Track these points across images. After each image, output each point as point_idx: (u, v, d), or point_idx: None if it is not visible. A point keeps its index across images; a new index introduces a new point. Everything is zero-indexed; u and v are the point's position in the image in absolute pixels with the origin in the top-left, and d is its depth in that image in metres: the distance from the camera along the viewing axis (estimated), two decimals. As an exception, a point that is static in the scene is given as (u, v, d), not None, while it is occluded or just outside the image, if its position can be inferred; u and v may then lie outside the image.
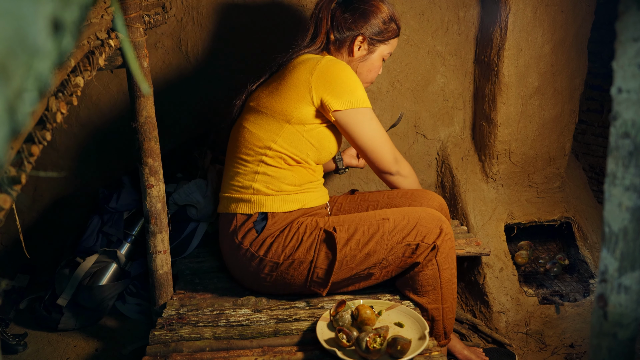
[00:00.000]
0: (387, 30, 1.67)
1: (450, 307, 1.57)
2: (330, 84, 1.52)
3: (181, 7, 2.11)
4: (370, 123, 1.58)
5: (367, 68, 1.69)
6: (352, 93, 1.54)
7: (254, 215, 1.56)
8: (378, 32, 1.65)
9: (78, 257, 1.94)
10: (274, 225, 1.55)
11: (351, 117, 1.55)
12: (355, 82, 1.56)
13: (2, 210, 0.63)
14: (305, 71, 1.54)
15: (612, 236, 0.52)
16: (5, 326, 1.87)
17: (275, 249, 1.53)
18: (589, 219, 2.33)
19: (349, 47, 1.65)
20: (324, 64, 1.54)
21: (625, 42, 0.49)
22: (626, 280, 0.52)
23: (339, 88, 1.52)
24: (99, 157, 2.22)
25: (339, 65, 1.55)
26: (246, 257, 1.57)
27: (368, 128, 1.58)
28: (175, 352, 1.39)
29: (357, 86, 1.56)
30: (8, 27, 0.29)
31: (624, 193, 0.51)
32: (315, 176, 1.64)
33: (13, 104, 0.30)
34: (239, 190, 1.59)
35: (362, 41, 1.65)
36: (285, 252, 1.53)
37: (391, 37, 1.68)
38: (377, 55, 1.69)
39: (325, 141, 1.60)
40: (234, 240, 1.58)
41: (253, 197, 1.56)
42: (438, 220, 1.52)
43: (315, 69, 1.53)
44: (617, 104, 0.50)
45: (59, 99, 0.89)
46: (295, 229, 1.54)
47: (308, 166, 1.60)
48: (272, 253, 1.53)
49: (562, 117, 2.25)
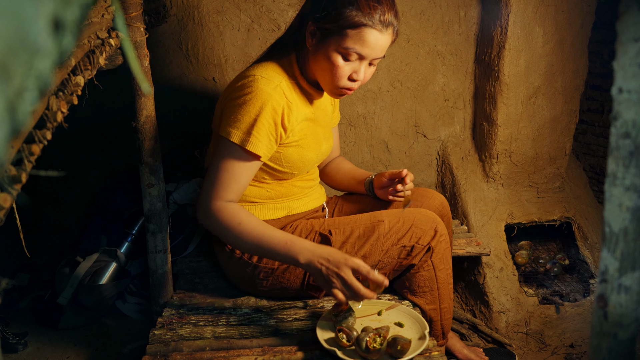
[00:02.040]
0: (340, 16, 1.30)
1: (448, 307, 1.57)
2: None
3: (182, 7, 2.11)
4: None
5: (318, 66, 1.39)
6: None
7: None
8: (326, 17, 1.32)
9: (78, 256, 1.94)
10: None
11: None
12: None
13: (3, 209, 0.63)
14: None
15: (613, 236, 0.52)
16: (5, 325, 1.87)
17: None
18: (589, 219, 2.33)
19: (305, 38, 1.40)
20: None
21: (625, 42, 0.49)
22: (626, 281, 0.52)
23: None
24: (99, 156, 2.22)
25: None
26: (240, 264, 1.55)
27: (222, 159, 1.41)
28: (175, 351, 1.39)
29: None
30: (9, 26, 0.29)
31: (624, 193, 0.51)
32: (292, 190, 1.58)
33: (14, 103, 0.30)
34: None
35: (311, 29, 1.36)
36: None
37: (350, 27, 1.30)
38: (331, 49, 1.34)
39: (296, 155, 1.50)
40: (225, 248, 1.57)
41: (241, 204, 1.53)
42: (433, 222, 1.51)
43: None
44: (617, 104, 0.50)
45: (60, 98, 0.89)
46: (289, 232, 1.54)
47: (286, 180, 1.55)
48: (266, 259, 1.51)
49: (562, 117, 2.25)
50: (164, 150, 1.67)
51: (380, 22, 1.30)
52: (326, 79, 1.39)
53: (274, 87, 1.37)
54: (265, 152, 1.39)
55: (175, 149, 2.15)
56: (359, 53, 1.32)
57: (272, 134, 1.39)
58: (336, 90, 1.41)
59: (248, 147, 1.35)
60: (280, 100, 1.37)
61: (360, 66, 1.36)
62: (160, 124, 1.60)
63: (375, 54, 1.34)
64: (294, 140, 1.47)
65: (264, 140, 1.37)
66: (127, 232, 1.98)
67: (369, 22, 1.29)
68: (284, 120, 1.39)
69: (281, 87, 1.39)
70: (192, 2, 2.11)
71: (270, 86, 1.37)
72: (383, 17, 1.30)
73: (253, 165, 1.41)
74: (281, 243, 1.35)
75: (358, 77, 1.37)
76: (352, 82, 1.38)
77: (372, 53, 1.34)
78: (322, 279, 1.31)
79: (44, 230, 2.23)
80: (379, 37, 1.32)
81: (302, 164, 1.51)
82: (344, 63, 1.34)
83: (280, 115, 1.38)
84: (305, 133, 1.49)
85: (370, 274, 1.28)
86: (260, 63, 1.45)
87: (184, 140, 2.19)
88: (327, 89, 1.43)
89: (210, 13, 2.12)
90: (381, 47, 1.34)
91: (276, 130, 1.39)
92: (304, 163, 1.52)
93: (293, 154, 1.48)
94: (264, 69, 1.41)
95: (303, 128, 1.48)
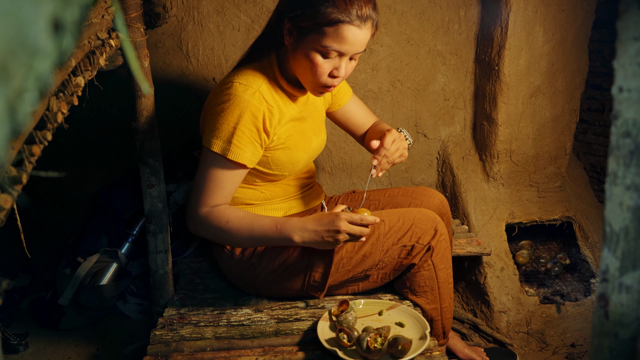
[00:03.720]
0: (316, 14, 1.26)
1: (448, 307, 1.57)
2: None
3: (182, 7, 2.11)
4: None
5: (298, 64, 1.36)
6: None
7: None
8: (302, 15, 1.29)
9: (79, 257, 1.94)
10: None
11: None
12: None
13: (3, 210, 0.63)
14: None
15: (613, 235, 0.52)
16: (6, 326, 1.87)
17: (269, 255, 1.51)
18: (590, 218, 2.33)
19: (283, 35, 1.37)
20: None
21: (626, 41, 0.49)
22: (627, 280, 0.52)
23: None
24: (99, 157, 2.22)
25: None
26: (240, 265, 1.56)
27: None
28: (176, 352, 1.39)
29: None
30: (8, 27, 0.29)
31: (625, 192, 0.51)
32: (288, 190, 1.59)
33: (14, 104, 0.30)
34: None
35: (288, 26, 1.34)
36: (280, 258, 1.51)
37: (327, 25, 1.26)
38: (309, 48, 1.31)
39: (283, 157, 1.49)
40: (224, 250, 1.57)
41: (238, 207, 1.53)
42: (433, 221, 1.51)
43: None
44: (618, 103, 0.50)
45: (60, 99, 0.89)
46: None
47: (279, 181, 1.55)
48: (266, 259, 1.52)
49: (562, 117, 2.25)
50: (165, 150, 1.67)
51: (358, 17, 1.26)
52: (307, 77, 1.37)
53: (252, 93, 1.35)
54: (251, 158, 1.39)
55: (176, 149, 2.15)
56: (338, 50, 1.29)
57: (256, 140, 1.38)
58: (318, 88, 1.39)
59: (230, 157, 1.35)
60: (259, 105, 1.35)
61: (341, 62, 1.33)
62: (161, 124, 1.61)
63: (354, 49, 1.31)
64: (280, 142, 1.45)
65: (247, 147, 1.36)
66: (128, 233, 1.98)
67: (346, 18, 1.25)
68: (265, 125, 1.38)
69: (260, 92, 1.37)
70: (192, 2, 2.11)
71: (249, 92, 1.35)
72: (360, 11, 1.26)
73: (238, 173, 1.40)
74: (272, 228, 1.36)
75: (339, 73, 1.34)
76: (333, 78, 1.36)
77: (351, 49, 1.30)
78: (326, 244, 1.34)
79: (44, 231, 2.24)
80: (357, 33, 1.28)
81: (292, 165, 1.51)
82: (324, 61, 1.32)
83: (262, 120, 1.37)
84: (291, 133, 1.48)
85: (363, 219, 1.32)
86: (240, 68, 1.44)
87: (185, 140, 2.19)
88: (308, 87, 1.41)
89: (210, 13, 2.12)
90: (360, 42, 1.30)
91: (259, 136, 1.38)
92: (294, 164, 1.51)
93: (281, 157, 1.47)
94: (242, 74, 1.39)
95: (288, 129, 1.47)
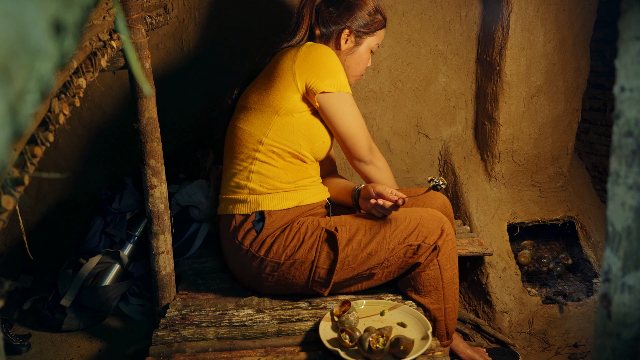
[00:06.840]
0: (373, 22, 1.67)
1: (453, 307, 1.57)
2: (313, 67, 1.54)
3: (183, 8, 2.11)
4: (350, 109, 1.59)
5: (355, 60, 1.69)
6: (334, 76, 1.55)
7: (251, 215, 1.56)
8: (364, 25, 1.66)
9: (81, 258, 1.95)
10: (273, 225, 1.55)
11: (334, 101, 1.55)
12: (337, 65, 1.58)
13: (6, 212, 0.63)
14: (288, 60, 1.56)
15: (616, 235, 0.52)
16: (8, 327, 1.88)
17: (276, 249, 1.53)
18: (592, 218, 2.32)
19: (336, 41, 1.66)
20: (305, 49, 1.57)
21: (627, 41, 0.48)
22: (630, 280, 0.52)
23: (321, 71, 1.54)
24: (101, 158, 2.23)
25: (320, 49, 1.57)
26: (247, 257, 1.57)
27: (348, 114, 1.58)
28: (178, 352, 1.39)
29: (338, 70, 1.57)
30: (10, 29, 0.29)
31: (627, 192, 0.50)
32: (308, 172, 1.63)
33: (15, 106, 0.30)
34: (236, 191, 1.60)
35: (348, 34, 1.65)
36: (286, 252, 1.53)
37: (377, 29, 1.68)
38: (365, 47, 1.69)
39: (315, 129, 1.60)
40: (234, 241, 1.58)
41: (249, 197, 1.57)
42: (439, 221, 1.52)
43: (297, 56, 1.55)
44: (619, 103, 0.50)
45: (62, 101, 0.90)
46: (296, 228, 1.54)
47: (302, 162, 1.60)
48: (273, 253, 1.53)
49: (564, 116, 2.25)
50: (166, 151, 1.68)
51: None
52: (357, 70, 1.71)
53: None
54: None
55: (178, 151, 2.15)
56: (377, 45, 1.72)
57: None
58: (359, 77, 1.76)
59: (347, 90, 1.59)
60: None
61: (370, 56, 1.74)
62: (162, 125, 1.61)
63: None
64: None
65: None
66: (130, 234, 1.98)
67: (385, 22, 1.71)
68: None
69: None
70: (193, 3, 2.11)
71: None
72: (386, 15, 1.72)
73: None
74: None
75: (369, 64, 1.76)
76: None
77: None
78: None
79: (47, 232, 2.24)
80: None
81: (321, 138, 1.62)
82: (369, 56, 1.72)
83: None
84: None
85: (392, 194, 1.48)
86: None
87: (186, 141, 2.19)
88: (354, 78, 1.73)
89: (211, 14, 2.12)
90: None
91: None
92: (322, 138, 1.63)
93: (317, 123, 1.62)
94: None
95: None
